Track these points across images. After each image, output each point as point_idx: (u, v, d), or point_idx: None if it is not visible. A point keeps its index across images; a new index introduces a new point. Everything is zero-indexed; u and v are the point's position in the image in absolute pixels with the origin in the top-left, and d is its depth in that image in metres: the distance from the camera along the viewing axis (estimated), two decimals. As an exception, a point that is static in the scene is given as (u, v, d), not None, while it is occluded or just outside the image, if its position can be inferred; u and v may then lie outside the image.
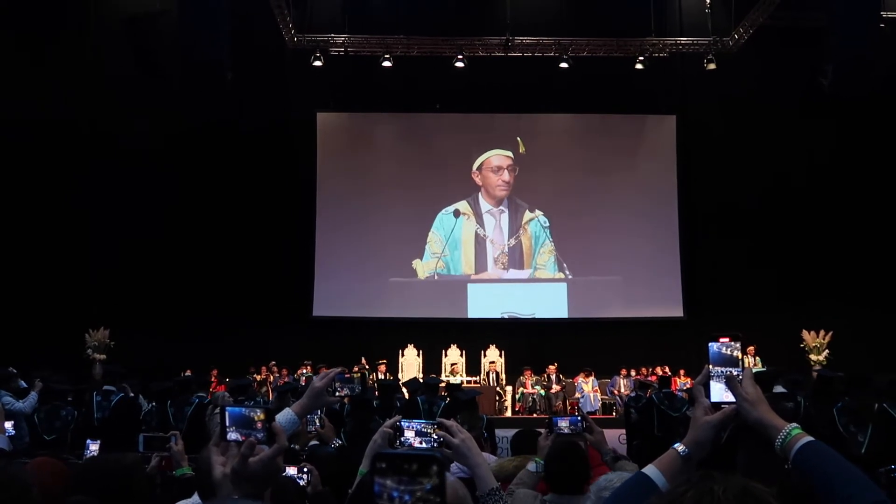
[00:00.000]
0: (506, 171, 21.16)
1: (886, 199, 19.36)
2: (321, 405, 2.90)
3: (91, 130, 18.12)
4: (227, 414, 1.82)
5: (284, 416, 2.71)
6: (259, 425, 1.79)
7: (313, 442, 5.79)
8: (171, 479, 4.82)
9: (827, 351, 18.22)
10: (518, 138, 21.18)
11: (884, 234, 19.24)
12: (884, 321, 18.07)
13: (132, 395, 10.80)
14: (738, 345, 1.90)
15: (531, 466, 3.93)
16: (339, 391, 2.88)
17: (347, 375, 2.93)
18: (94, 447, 5.44)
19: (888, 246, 19.14)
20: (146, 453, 5.29)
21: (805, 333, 18.48)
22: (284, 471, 1.87)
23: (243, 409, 1.83)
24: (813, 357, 18.15)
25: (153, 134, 18.30)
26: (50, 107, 17.15)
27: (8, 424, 6.64)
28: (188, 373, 15.17)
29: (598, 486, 2.63)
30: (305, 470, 4.05)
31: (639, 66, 19.61)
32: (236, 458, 1.75)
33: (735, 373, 1.89)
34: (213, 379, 16.79)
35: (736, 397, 1.85)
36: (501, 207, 21.19)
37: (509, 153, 21.21)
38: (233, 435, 1.80)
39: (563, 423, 3.94)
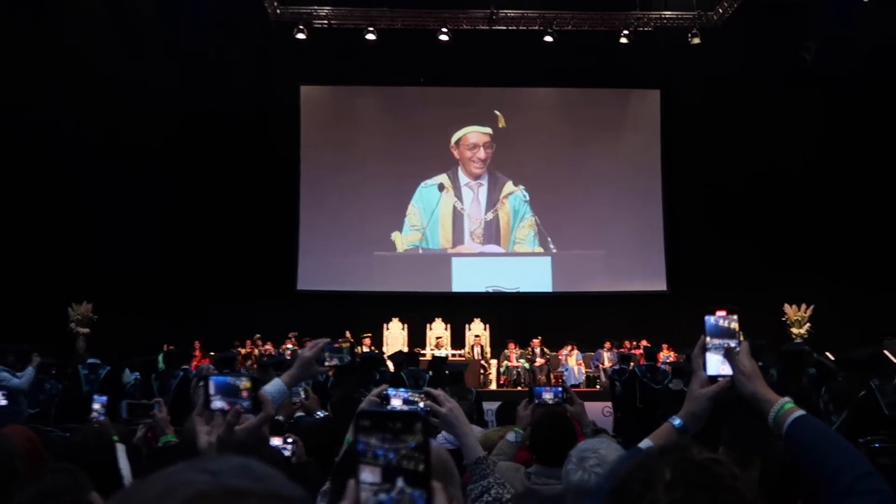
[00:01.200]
0: (481, 148, 21.15)
1: (870, 176, 19.42)
2: (310, 375, 2.90)
3: (70, 109, 17.87)
4: (211, 383, 1.82)
5: (274, 385, 2.72)
6: (245, 394, 1.79)
7: (299, 413, 5.80)
8: (157, 451, 4.83)
9: (808, 325, 18.38)
10: (497, 112, 21.13)
11: (866, 210, 19.35)
12: (865, 295, 18.23)
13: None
14: (734, 318, 1.92)
15: (510, 436, 3.96)
16: (328, 361, 2.88)
17: (336, 345, 2.93)
18: (97, 406, 5.42)
19: (871, 221, 19.25)
20: (130, 420, 5.28)
21: (787, 307, 18.63)
22: (268, 440, 1.88)
23: (228, 378, 1.83)
24: (794, 331, 18.30)
25: (134, 110, 18.11)
26: (28, 90, 16.91)
27: None
28: (172, 347, 15.15)
29: (580, 450, 2.64)
30: (290, 441, 4.05)
31: (623, 40, 19.60)
32: (222, 427, 1.75)
33: (733, 345, 1.90)
34: (196, 352, 16.77)
35: (733, 369, 1.86)
36: (480, 181, 21.19)
37: (487, 129, 21.18)
38: (218, 403, 1.80)
39: (547, 395, 3.97)
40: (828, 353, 10.62)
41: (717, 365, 1.92)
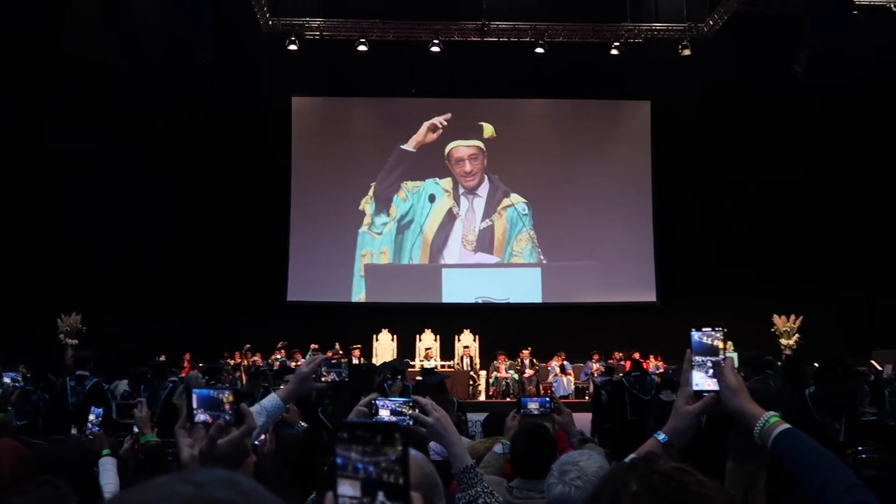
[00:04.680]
0: (467, 161, 21.18)
1: (861, 186, 19.55)
2: (307, 391, 2.90)
3: (63, 115, 17.82)
4: (194, 396, 1.82)
5: (270, 401, 2.71)
6: (227, 407, 1.79)
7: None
8: (143, 464, 4.81)
9: (797, 335, 18.41)
10: (482, 123, 21.15)
11: (857, 219, 19.47)
12: (856, 305, 18.34)
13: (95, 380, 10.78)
14: (719, 334, 1.92)
15: (497, 448, 3.94)
16: (325, 376, 2.87)
17: (334, 361, 2.92)
18: (92, 417, 5.41)
19: (862, 231, 19.37)
20: (117, 432, 5.26)
21: (776, 318, 18.65)
22: (251, 453, 1.88)
23: (211, 391, 1.83)
24: (783, 341, 18.33)
25: (125, 118, 18.09)
26: (22, 95, 16.85)
27: None
28: (162, 358, 15.09)
29: (561, 463, 2.64)
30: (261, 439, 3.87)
31: (614, 51, 19.66)
32: (204, 440, 1.75)
33: (717, 360, 1.90)
34: (186, 363, 16.71)
35: (720, 384, 1.87)
36: (477, 192, 21.19)
37: (475, 143, 21.19)
38: (201, 416, 1.80)
39: (533, 405, 3.97)
40: (815, 364, 10.61)
41: (701, 381, 1.92)
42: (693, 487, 1.21)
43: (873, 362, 14.01)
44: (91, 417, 5.40)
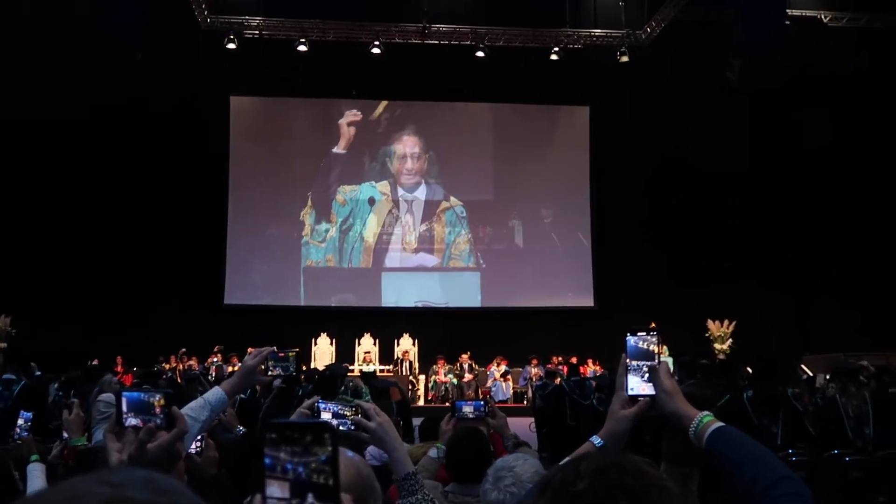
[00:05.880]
0: (409, 159, 21.25)
1: (790, 189, 20.00)
2: (252, 384, 2.82)
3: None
4: (123, 399, 1.77)
5: (214, 394, 2.63)
6: (158, 410, 1.75)
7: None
8: (73, 470, 4.69)
9: (731, 340, 18.74)
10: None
11: (789, 223, 19.95)
12: (787, 309, 18.72)
13: (38, 374, 10.53)
14: (654, 338, 1.93)
15: (432, 453, 3.92)
16: (271, 371, 2.81)
17: (282, 355, 2.86)
18: (21, 422, 5.28)
19: (793, 234, 19.84)
20: (46, 438, 5.13)
21: (710, 323, 18.97)
22: (183, 456, 1.84)
23: (141, 394, 1.78)
24: (717, 346, 18.64)
25: (59, 114, 17.69)
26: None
27: None
28: (95, 362, 14.78)
29: (496, 468, 2.63)
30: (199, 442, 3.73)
31: (553, 56, 19.81)
32: (133, 444, 1.71)
33: (652, 364, 1.92)
34: (118, 367, 16.38)
35: (656, 388, 1.89)
36: (416, 194, 21.20)
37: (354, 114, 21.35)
38: (131, 420, 1.76)
39: (468, 409, 3.95)
40: (748, 368, 10.81)
41: (637, 385, 1.93)
42: (651, 476, 1.22)
43: (803, 367, 14.31)
44: (20, 422, 5.27)
